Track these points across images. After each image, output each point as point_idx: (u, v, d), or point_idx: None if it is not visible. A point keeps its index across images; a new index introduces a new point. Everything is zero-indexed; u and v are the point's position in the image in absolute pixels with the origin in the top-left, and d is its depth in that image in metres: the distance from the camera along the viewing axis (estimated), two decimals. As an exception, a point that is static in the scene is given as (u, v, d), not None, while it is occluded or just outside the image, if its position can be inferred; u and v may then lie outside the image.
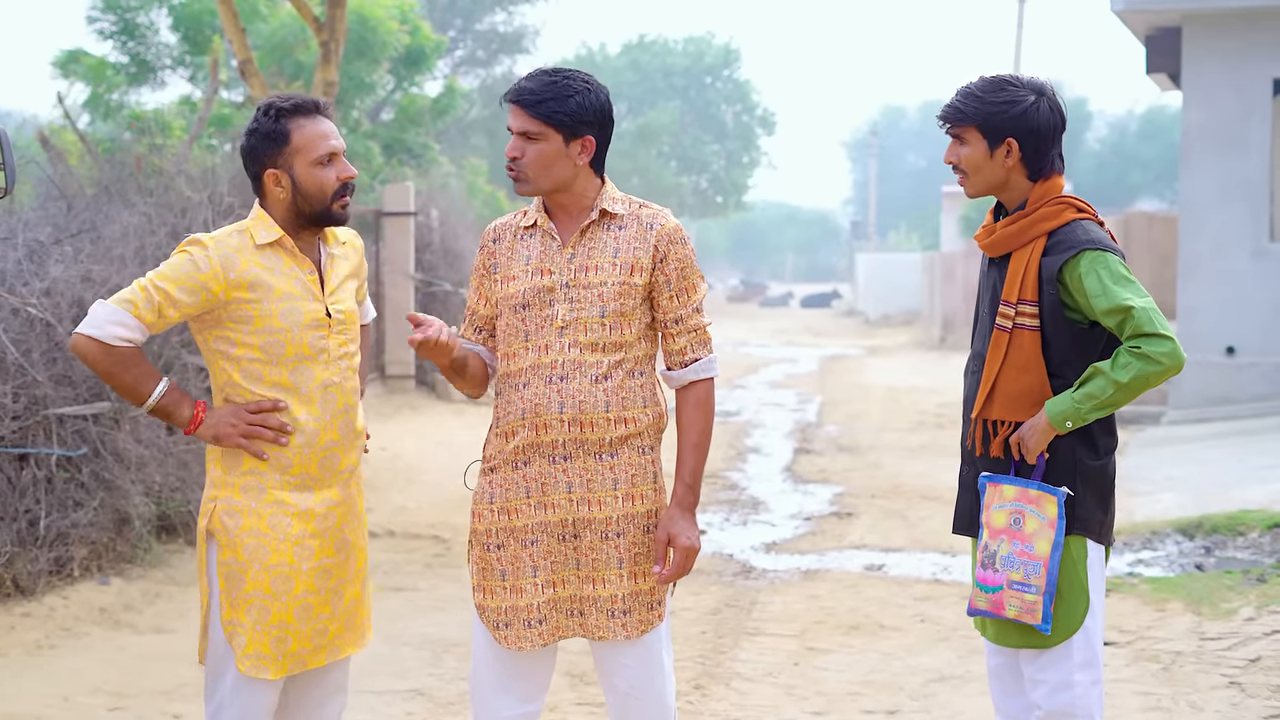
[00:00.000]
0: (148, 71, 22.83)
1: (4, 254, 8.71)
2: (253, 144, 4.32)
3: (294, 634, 4.30)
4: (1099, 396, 4.17)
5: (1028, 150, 4.34)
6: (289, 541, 4.28)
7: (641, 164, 50.77)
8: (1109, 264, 4.22)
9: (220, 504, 4.30)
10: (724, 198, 59.05)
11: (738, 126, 59.03)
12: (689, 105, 57.71)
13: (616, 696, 4.31)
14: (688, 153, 57.30)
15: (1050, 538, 4.25)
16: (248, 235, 4.32)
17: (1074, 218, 4.32)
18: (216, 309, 4.25)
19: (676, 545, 4.19)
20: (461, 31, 44.87)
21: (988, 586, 4.34)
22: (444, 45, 25.45)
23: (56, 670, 7.17)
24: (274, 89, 21.86)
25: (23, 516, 8.27)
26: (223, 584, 4.28)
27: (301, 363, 4.30)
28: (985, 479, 4.39)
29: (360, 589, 4.49)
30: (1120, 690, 6.67)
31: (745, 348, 36.13)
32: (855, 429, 17.82)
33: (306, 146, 4.29)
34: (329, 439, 4.34)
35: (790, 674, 7.20)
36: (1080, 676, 4.30)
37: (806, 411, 20.39)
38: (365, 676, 7.17)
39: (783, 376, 27.15)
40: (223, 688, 4.30)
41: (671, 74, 57.91)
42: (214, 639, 4.32)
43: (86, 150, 14.14)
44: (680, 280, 4.23)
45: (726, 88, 59.29)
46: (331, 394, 4.35)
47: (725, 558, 10.21)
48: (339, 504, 4.39)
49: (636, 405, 4.21)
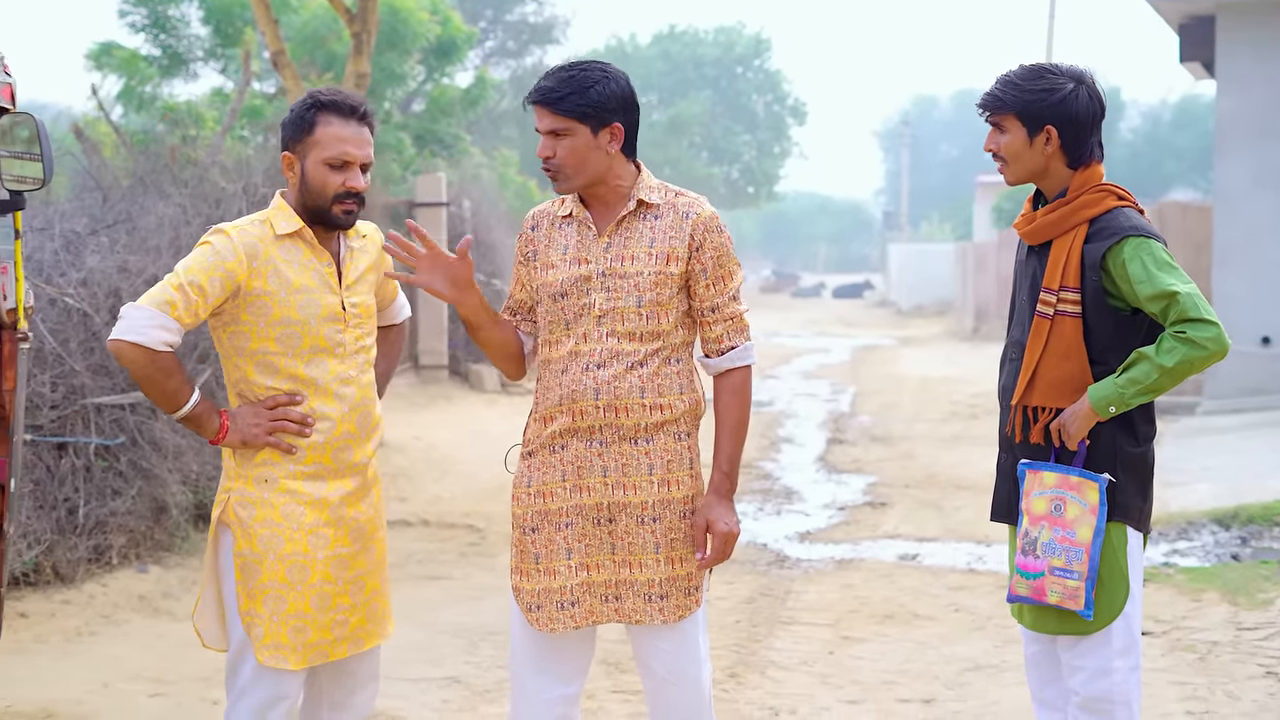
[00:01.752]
0: (180, 64, 22.91)
1: (41, 245, 8.77)
2: (284, 124, 4.35)
3: (313, 624, 4.30)
4: (1143, 381, 4.16)
5: (1067, 138, 4.33)
6: (303, 530, 4.28)
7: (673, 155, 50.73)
8: (1153, 250, 4.21)
9: (234, 495, 4.31)
10: (755, 188, 58.96)
11: (769, 116, 58.94)
12: (720, 95, 57.64)
13: (653, 681, 4.32)
14: (719, 143, 57.23)
15: (1092, 524, 4.24)
16: (268, 225, 4.31)
17: (1115, 205, 4.32)
18: (238, 298, 4.24)
19: (715, 531, 4.21)
20: (492, 22, 44.89)
21: (1028, 573, 4.34)
22: (475, 36, 25.49)
23: (96, 657, 7.22)
24: (306, 80, 21.97)
25: (62, 505, 8.33)
26: (239, 575, 4.28)
27: (317, 355, 4.30)
28: (1025, 466, 4.39)
29: (380, 580, 4.50)
30: (1157, 680, 6.66)
31: (778, 338, 36.10)
32: (888, 419, 17.80)
33: (324, 143, 4.28)
34: (344, 431, 4.34)
35: (825, 663, 7.21)
36: (1119, 663, 4.30)
37: (839, 402, 20.37)
38: (401, 664, 7.21)
39: (815, 367, 27.13)
40: (243, 677, 4.32)
41: (702, 64, 57.85)
42: (233, 629, 4.34)
43: (120, 142, 14.21)
44: (716, 268, 4.24)
45: (757, 78, 59.20)
46: (348, 387, 4.35)
47: (759, 547, 10.23)
48: (352, 493, 4.39)
49: (673, 392, 4.22)
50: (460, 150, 24.10)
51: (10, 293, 5.74)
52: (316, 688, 4.51)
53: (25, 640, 7.42)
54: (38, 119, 5.50)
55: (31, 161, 5.49)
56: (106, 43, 22.34)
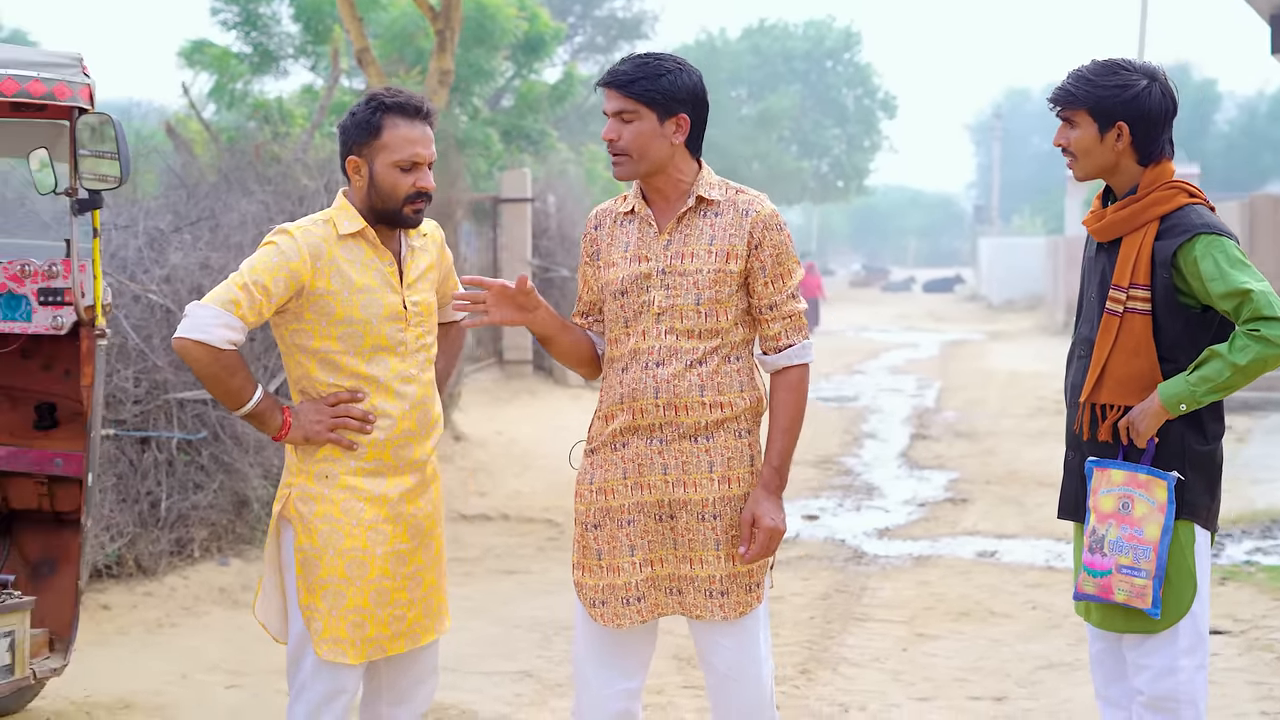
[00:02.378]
0: (270, 61, 23.14)
1: (125, 242, 8.90)
2: (346, 127, 4.35)
3: (371, 619, 4.34)
4: (1215, 380, 4.13)
5: (1138, 135, 4.30)
6: (362, 526, 4.32)
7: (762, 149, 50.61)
8: (1225, 248, 4.18)
9: (295, 490, 4.35)
10: (845, 182, 58.76)
11: (859, 110, 58.70)
12: (809, 89, 57.46)
13: (715, 677, 4.34)
14: (808, 137, 57.07)
15: (1160, 522, 4.21)
16: (331, 225, 4.33)
17: (1186, 202, 4.28)
18: (301, 297, 4.27)
19: (760, 526, 4.18)
20: (580, 18, 45.00)
21: (1096, 571, 4.31)
22: (563, 32, 25.56)
23: (176, 648, 7.33)
24: (394, 77, 22.12)
25: (144, 498, 8.46)
26: (299, 569, 4.33)
27: (378, 354, 4.33)
28: (1093, 463, 4.36)
29: (437, 576, 4.53)
30: (1232, 679, 6.59)
31: (866, 333, 36.00)
32: (973, 414, 17.69)
33: (393, 146, 4.30)
34: (405, 428, 4.37)
35: (898, 659, 7.19)
36: (1185, 662, 4.27)
37: (925, 397, 20.27)
38: (476, 658, 7.27)
39: (903, 361, 27.02)
40: (303, 670, 4.37)
41: (792, 58, 57.69)
42: (294, 624, 4.39)
43: (211, 139, 14.39)
44: (775, 266, 4.23)
45: (847, 71, 58.97)
46: (409, 385, 4.37)
47: (837, 543, 10.21)
48: (411, 490, 4.41)
49: (733, 390, 4.22)
50: (547, 146, 24.17)
51: (89, 290, 5.86)
52: (376, 682, 4.55)
53: (108, 632, 7.55)
54: (115, 119, 5.60)
55: (109, 161, 5.60)
56: (198, 40, 22.60)
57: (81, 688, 6.54)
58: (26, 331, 6.04)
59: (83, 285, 5.82)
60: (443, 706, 6.52)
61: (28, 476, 6.12)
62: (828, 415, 17.80)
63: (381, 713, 4.57)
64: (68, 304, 5.92)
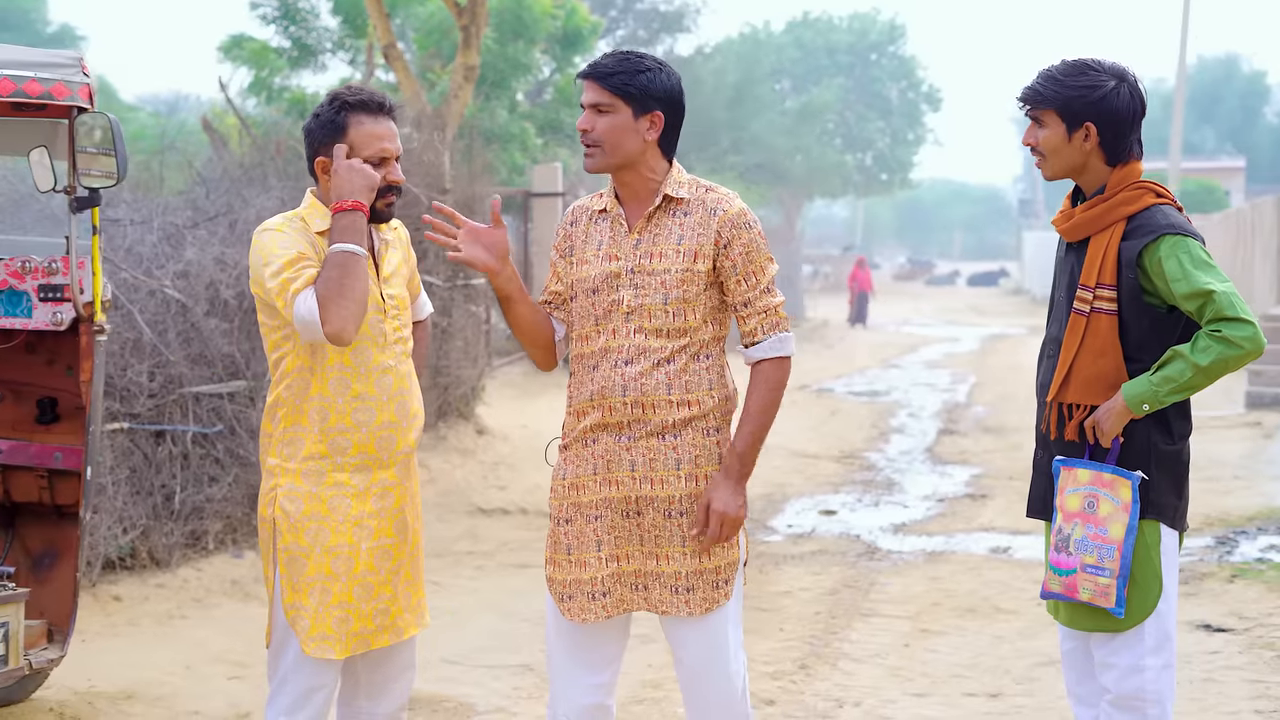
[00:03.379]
0: (309, 55, 23.27)
1: (142, 237, 9.00)
2: (312, 129, 4.40)
3: (356, 614, 4.39)
4: (1178, 380, 4.14)
5: (1106, 135, 4.31)
6: (349, 522, 4.37)
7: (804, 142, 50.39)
8: (1190, 249, 4.19)
9: (281, 490, 4.39)
10: (889, 175, 58.50)
11: (903, 103, 58.42)
12: (853, 82, 57.26)
13: (685, 672, 4.38)
14: (852, 131, 56.85)
15: (1124, 521, 4.23)
16: (303, 223, 4.38)
17: (1153, 202, 4.30)
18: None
19: (713, 511, 4.21)
20: (622, 11, 44.95)
21: (1061, 570, 4.33)
22: (600, 26, 25.61)
23: (183, 639, 7.42)
24: (429, 71, 22.23)
25: (159, 491, 8.55)
26: (284, 569, 4.38)
27: (361, 344, 4.38)
28: (1059, 463, 4.38)
29: (415, 571, 4.58)
30: (1229, 677, 6.59)
31: (908, 326, 35.93)
32: (1003, 410, 17.64)
33: (359, 143, 4.35)
34: (385, 419, 4.42)
35: (898, 655, 7.21)
36: (1151, 660, 4.28)
37: (957, 392, 20.23)
38: (480, 651, 7.34)
39: (941, 356, 26.95)
40: (284, 665, 4.42)
41: (835, 51, 57.49)
42: (276, 619, 4.44)
43: (246, 133, 14.48)
44: (746, 264, 4.27)
45: (891, 64, 58.70)
46: (387, 376, 4.43)
47: (851, 538, 10.22)
48: (396, 485, 4.48)
49: (701, 388, 4.26)
50: (583, 140, 24.20)
51: (88, 287, 5.94)
52: (353, 678, 4.61)
53: (118, 623, 7.64)
54: (112, 118, 5.67)
55: (106, 158, 5.68)
56: (238, 35, 22.76)
57: (85, 678, 6.63)
58: (27, 327, 6.13)
59: (81, 282, 5.90)
60: (440, 698, 6.59)
61: (29, 470, 6.22)
62: (856, 410, 17.80)
63: (361, 707, 4.63)
64: (67, 300, 6.01)
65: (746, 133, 45.47)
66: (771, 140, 45.94)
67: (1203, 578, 8.51)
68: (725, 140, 43.81)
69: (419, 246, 11.78)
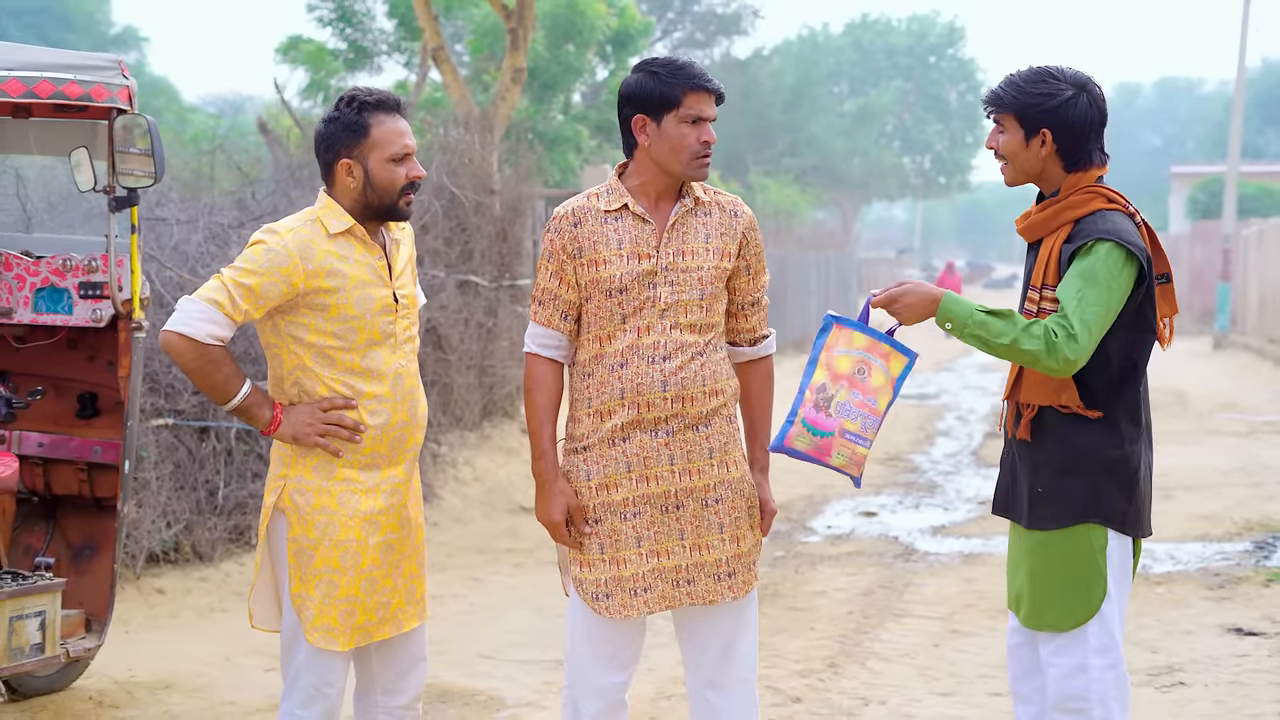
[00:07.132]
0: (365, 57, 23.50)
1: (187, 237, 9.14)
2: (331, 132, 4.45)
3: (360, 607, 4.48)
4: (989, 336, 4.14)
5: (1063, 143, 4.34)
6: (357, 518, 4.45)
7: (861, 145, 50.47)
8: (1110, 259, 4.16)
9: (290, 482, 4.46)
10: (947, 178, 58.48)
11: (962, 106, 58.37)
12: (912, 85, 57.24)
13: (708, 658, 4.47)
14: (910, 133, 56.86)
15: (889, 398, 4.30)
16: (319, 224, 4.43)
17: (1100, 207, 4.31)
18: (296, 297, 4.36)
19: (766, 510, 4.53)
20: (680, 14, 45.10)
21: (818, 430, 4.29)
22: (650, 27, 25.73)
23: (223, 632, 7.55)
24: (484, 73, 22.39)
25: (202, 486, 8.70)
26: (293, 559, 4.45)
27: (373, 347, 4.45)
28: (831, 318, 4.35)
29: (417, 565, 4.66)
30: (1256, 680, 6.60)
31: (961, 330, 35.73)
32: (1052, 413, 17.55)
33: (383, 142, 4.43)
34: (399, 419, 4.50)
35: (927, 655, 7.25)
36: (1096, 661, 4.29)
37: (1007, 395, 20.16)
38: (514, 647, 7.43)
39: (995, 360, 26.83)
40: (297, 658, 4.50)
41: (894, 53, 57.47)
42: (286, 612, 4.53)
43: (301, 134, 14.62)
44: (756, 264, 4.50)
45: (950, 66, 58.67)
46: (400, 376, 4.51)
47: (889, 540, 10.26)
48: (403, 482, 4.56)
49: (723, 378, 4.42)
50: (635, 141, 24.30)
51: (126, 284, 6.08)
52: (368, 672, 4.68)
53: (160, 615, 7.79)
54: (150, 120, 5.80)
55: (144, 159, 5.80)
56: (295, 36, 23.00)
57: (126, 668, 6.77)
58: (68, 324, 6.28)
59: (120, 279, 6.04)
60: (473, 692, 6.69)
61: (70, 463, 6.36)
62: (904, 413, 17.80)
63: (377, 701, 4.69)
64: (106, 298, 6.15)
65: (804, 135, 45.49)
66: (829, 142, 45.97)
67: (1238, 582, 8.51)
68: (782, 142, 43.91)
69: (467, 246, 11.90)
